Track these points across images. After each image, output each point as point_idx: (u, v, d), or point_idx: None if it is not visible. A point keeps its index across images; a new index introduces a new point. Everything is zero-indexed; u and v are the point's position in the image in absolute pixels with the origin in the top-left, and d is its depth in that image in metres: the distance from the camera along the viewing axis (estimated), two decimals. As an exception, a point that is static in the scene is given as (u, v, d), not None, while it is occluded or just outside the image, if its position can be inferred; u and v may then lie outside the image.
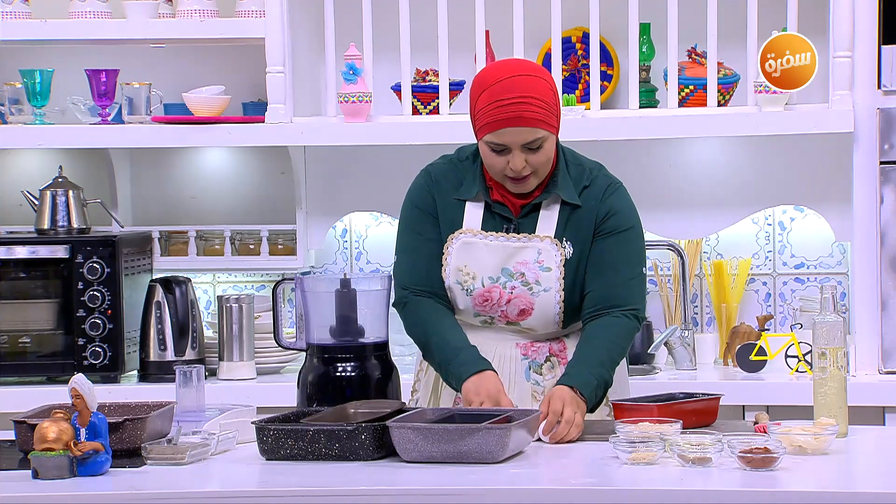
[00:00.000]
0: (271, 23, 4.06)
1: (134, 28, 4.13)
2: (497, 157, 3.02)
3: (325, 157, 4.30)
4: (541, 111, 2.98)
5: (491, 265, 3.08)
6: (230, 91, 4.22)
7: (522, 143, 2.99)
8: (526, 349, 3.11)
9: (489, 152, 3.02)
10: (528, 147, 2.99)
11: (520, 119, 2.97)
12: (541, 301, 3.06)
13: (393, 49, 4.07)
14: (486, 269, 3.08)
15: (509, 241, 3.08)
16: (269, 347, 4.05)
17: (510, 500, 2.54)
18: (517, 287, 3.06)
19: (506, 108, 2.97)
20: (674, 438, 2.69)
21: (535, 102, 2.98)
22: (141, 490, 2.58)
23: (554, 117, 3.02)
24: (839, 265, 4.26)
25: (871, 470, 2.74)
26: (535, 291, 3.06)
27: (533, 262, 3.06)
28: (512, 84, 2.99)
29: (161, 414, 2.85)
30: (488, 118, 2.99)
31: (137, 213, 4.43)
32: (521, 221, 3.09)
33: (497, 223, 3.10)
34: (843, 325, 2.93)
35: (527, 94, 2.98)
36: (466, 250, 3.09)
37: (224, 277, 4.44)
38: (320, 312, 3.15)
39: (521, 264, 3.06)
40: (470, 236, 3.09)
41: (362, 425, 2.74)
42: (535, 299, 3.06)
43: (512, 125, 2.97)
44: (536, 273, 3.06)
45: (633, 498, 2.53)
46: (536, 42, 4.19)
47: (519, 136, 2.98)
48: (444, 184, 3.14)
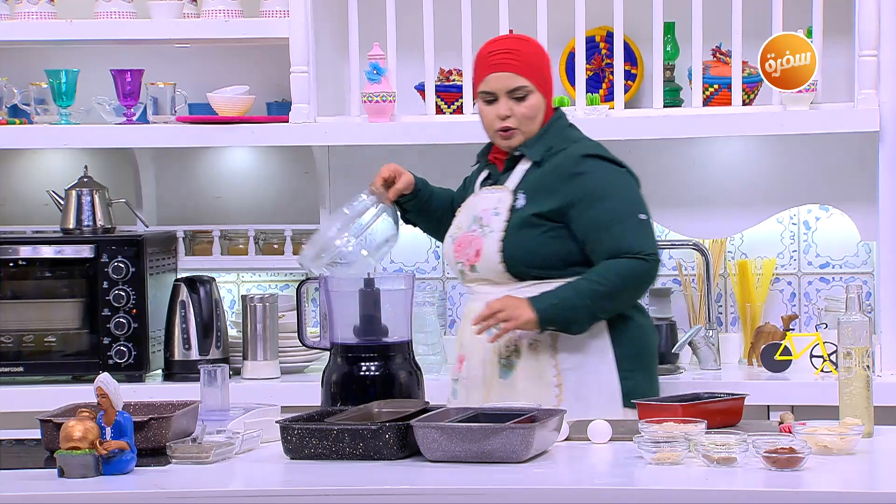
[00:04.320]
0: (295, 23, 4.07)
1: (159, 28, 4.14)
2: (488, 109, 3.36)
3: (349, 156, 4.30)
4: (523, 64, 3.35)
5: (468, 215, 3.41)
6: (254, 91, 4.23)
7: (507, 90, 3.34)
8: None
9: (483, 106, 3.38)
10: (513, 96, 3.34)
11: (504, 65, 3.34)
12: (486, 241, 3.33)
13: (417, 48, 4.08)
14: (466, 220, 3.41)
15: (484, 193, 3.42)
16: (293, 347, 4.05)
17: (534, 499, 2.54)
18: (476, 230, 3.37)
19: (494, 58, 3.37)
20: (698, 438, 2.68)
21: (519, 56, 3.36)
22: (166, 489, 2.59)
23: (539, 77, 3.36)
24: (864, 265, 4.24)
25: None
26: (484, 233, 3.35)
27: (491, 208, 3.37)
28: (501, 42, 3.44)
29: (186, 413, 2.85)
30: (480, 69, 3.39)
31: (162, 213, 4.44)
32: (501, 176, 3.42)
33: (487, 182, 3.45)
34: (869, 324, 2.92)
35: (513, 48, 3.38)
36: (461, 209, 3.45)
37: (248, 277, 4.45)
38: (344, 312, 3.15)
39: (483, 211, 3.38)
40: (469, 198, 3.46)
41: (386, 425, 2.75)
42: (483, 239, 3.34)
43: (496, 70, 3.35)
44: (490, 218, 3.36)
45: (658, 498, 2.52)
46: (560, 41, 4.18)
47: (503, 82, 3.34)
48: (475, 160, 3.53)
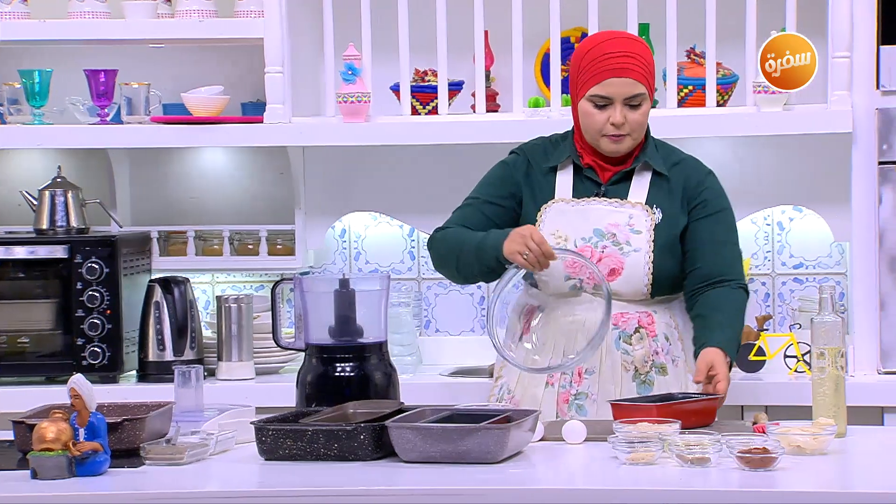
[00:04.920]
0: (270, 23, 4.06)
1: (133, 28, 4.12)
2: (598, 114, 3.20)
3: (324, 157, 4.30)
4: (643, 69, 3.21)
5: (583, 226, 3.21)
6: (229, 91, 4.22)
7: (625, 97, 3.18)
8: (616, 318, 3.18)
9: (591, 109, 3.20)
10: (628, 103, 3.19)
11: (626, 70, 3.18)
12: (630, 261, 3.17)
13: (392, 49, 4.07)
14: (579, 231, 3.21)
15: (601, 205, 3.23)
16: (267, 347, 4.04)
17: (509, 500, 2.54)
18: (608, 247, 3.19)
19: (613, 60, 3.18)
20: (672, 438, 2.69)
21: (640, 59, 3.21)
22: (139, 490, 2.58)
23: (653, 81, 3.25)
24: (838, 265, 4.26)
25: (869, 470, 2.74)
26: (625, 251, 3.18)
27: (624, 224, 3.20)
28: (619, 42, 3.23)
29: (160, 414, 2.85)
30: (595, 70, 3.19)
31: (136, 214, 4.43)
32: (610, 188, 3.25)
33: (587, 189, 3.26)
34: (842, 325, 2.93)
35: (632, 51, 3.21)
36: (559, 217, 3.24)
37: (223, 277, 4.44)
38: (319, 312, 3.15)
39: (613, 226, 3.21)
40: (563, 204, 3.24)
41: (361, 425, 2.74)
42: (625, 259, 3.18)
43: (618, 76, 3.18)
44: (627, 234, 3.19)
45: (632, 498, 2.53)
46: (535, 42, 4.19)
47: (623, 88, 3.18)
48: (536, 156, 3.32)
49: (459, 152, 4.17)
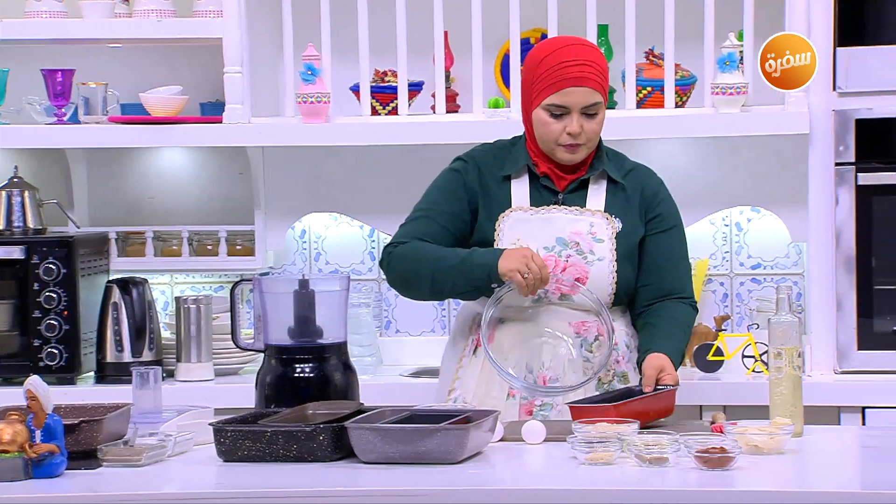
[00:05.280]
0: (229, 23, 4.05)
1: (90, 28, 4.10)
2: (555, 123, 3.14)
3: (284, 157, 4.29)
4: (600, 77, 3.16)
5: (545, 235, 3.17)
6: (188, 91, 4.20)
7: (583, 106, 3.13)
8: (577, 327, 3.16)
9: (547, 118, 3.14)
10: (585, 112, 3.14)
11: (584, 79, 3.12)
12: (595, 270, 3.15)
13: (351, 49, 4.07)
14: (541, 239, 3.16)
15: (561, 213, 3.18)
16: (227, 348, 4.03)
17: (469, 500, 2.55)
18: (572, 255, 3.15)
19: (572, 69, 3.12)
20: (631, 438, 2.70)
21: (597, 68, 3.15)
22: (96, 492, 2.57)
23: (607, 89, 3.20)
24: (795, 266, 4.29)
25: (825, 469, 2.76)
26: (589, 261, 3.15)
27: (586, 232, 3.17)
28: (576, 50, 3.16)
29: (117, 415, 2.83)
30: (553, 79, 3.12)
31: (94, 214, 4.40)
32: (568, 196, 3.20)
33: (545, 198, 3.20)
34: (799, 325, 2.95)
35: (590, 59, 3.15)
36: (520, 225, 3.18)
37: (182, 278, 4.42)
38: (278, 313, 3.14)
39: (576, 234, 3.17)
40: (521, 213, 3.18)
41: (320, 426, 2.74)
42: (590, 268, 3.15)
43: (577, 84, 3.12)
44: (590, 243, 3.16)
45: (591, 498, 2.54)
46: (495, 43, 4.19)
47: (581, 97, 3.12)
48: (487, 163, 3.24)
49: (420, 153, 4.17)
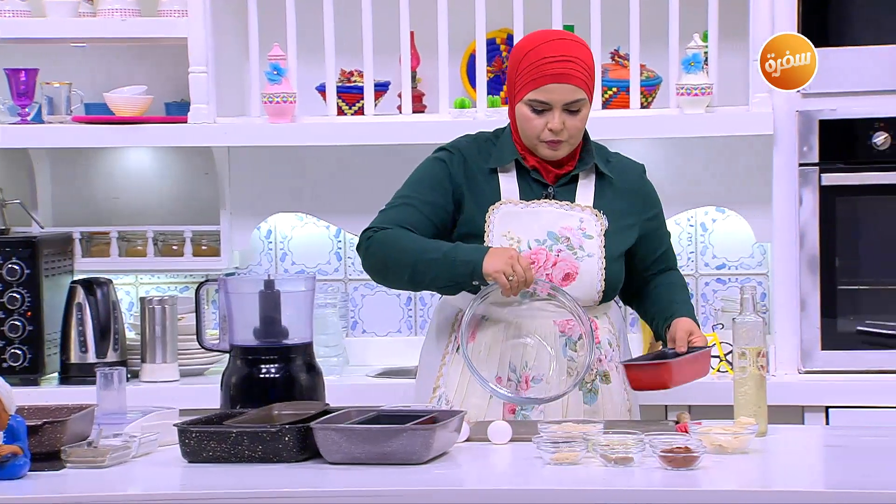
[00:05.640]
0: (194, 22, 4.03)
1: (54, 27, 4.08)
2: (536, 119, 3.09)
3: (250, 157, 4.27)
4: (584, 74, 3.09)
5: (536, 228, 3.13)
6: (152, 91, 4.19)
7: (564, 103, 3.08)
8: (563, 326, 3.14)
9: (529, 113, 3.09)
10: (568, 108, 3.08)
11: (566, 76, 3.06)
12: (585, 266, 3.13)
13: (318, 49, 4.06)
14: (532, 233, 3.13)
15: (552, 207, 3.14)
16: (192, 349, 4.02)
17: (434, 500, 2.55)
18: (563, 250, 3.13)
19: (553, 65, 3.06)
20: (596, 438, 2.71)
21: (581, 64, 3.09)
22: (60, 494, 2.56)
23: (593, 85, 3.14)
24: (760, 266, 4.31)
25: (789, 469, 2.78)
26: (579, 256, 3.13)
27: (576, 228, 3.14)
28: (560, 45, 3.09)
29: (81, 416, 2.82)
30: (535, 74, 3.07)
31: (58, 214, 4.38)
32: (558, 190, 3.17)
33: (535, 192, 3.16)
34: (763, 325, 2.97)
35: (573, 55, 3.08)
36: (510, 219, 3.13)
37: (147, 279, 4.41)
38: (244, 314, 3.13)
39: (566, 229, 3.13)
40: (511, 206, 3.14)
41: (286, 427, 2.73)
42: (579, 264, 3.12)
43: (558, 81, 3.06)
44: (580, 239, 3.13)
45: (556, 498, 2.54)
46: (461, 43, 4.19)
47: (563, 94, 3.07)
48: (473, 155, 3.19)
49: (386, 153, 4.17)
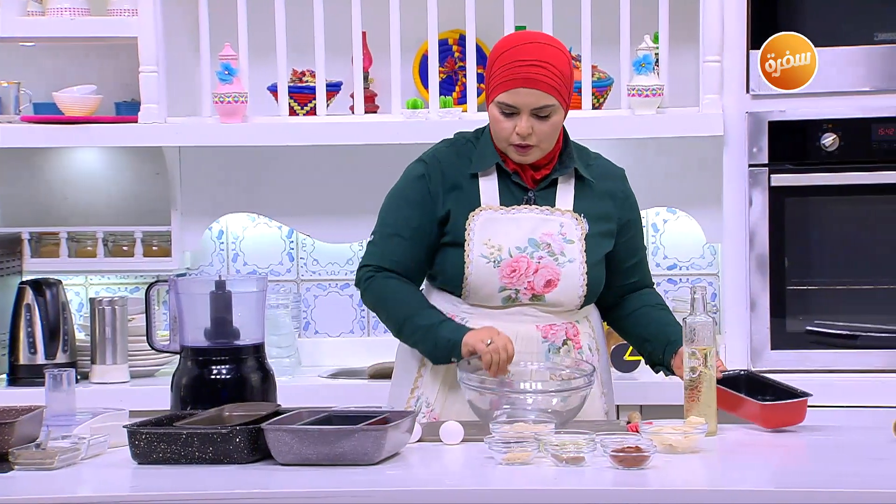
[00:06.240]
0: (144, 22, 4.01)
1: (1, 26, 4.04)
2: (505, 121, 3.07)
3: (201, 157, 4.26)
4: (555, 79, 3.05)
5: (517, 236, 3.12)
6: (102, 90, 4.16)
7: (532, 108, 3.05)
8: (545, 331, 3.14)
9: (498, 115, 3.08)
10: (536, 113, 3.06)
11: (534, 81, 3.04)
12: (567, 272, 3.12)
13: (269, 49, 4.05)
14: (513, 240, 3.11)
15: (532, 213, 3.13)
16: (142, 350, 3.99)
17: (386, 500, 2.55)
18: (544, 257, 3.11)
19: (522, 69, 3.04)
20: (548, 438, 2.72)
21: (552, 69, 3.05)
22: (8, 496, 2.53)
23: (566, 91, 3.09)
24: (710, 266, 4.34)
25: (739, 468, 2.79)
26: (560, 262, 3.12)
27: (557, 233, 3.13)
28: (532, 48, 3.06)
29: (30, 418, 2.80)
30: (504, 77, 3.05)
31: (7, 214, 4.34)
32: (538, 194, 3.15)
33: (515, 196, 3.15)
34: (713, 325, 2.99)
35: (544, 60, 3.05)
36: (490, 225, 3.12)
37: (97, 279, 4.38)
38: (195, 314, 3.12)
39: (547, 235, 3.13)
40: (491, 212, 3.13)
41: (237, 428, 2.72)
42: (561, 270, 3.12)
43: (526, 86, 3.04)
44: (561, 245, 3.12)
45: (508, 498, 2.55)
46: (413, 44, 4.20)
47: (530, 99, 3.04)
48: (452, 164, 3.16)
49: (338, 153, 4.16)
